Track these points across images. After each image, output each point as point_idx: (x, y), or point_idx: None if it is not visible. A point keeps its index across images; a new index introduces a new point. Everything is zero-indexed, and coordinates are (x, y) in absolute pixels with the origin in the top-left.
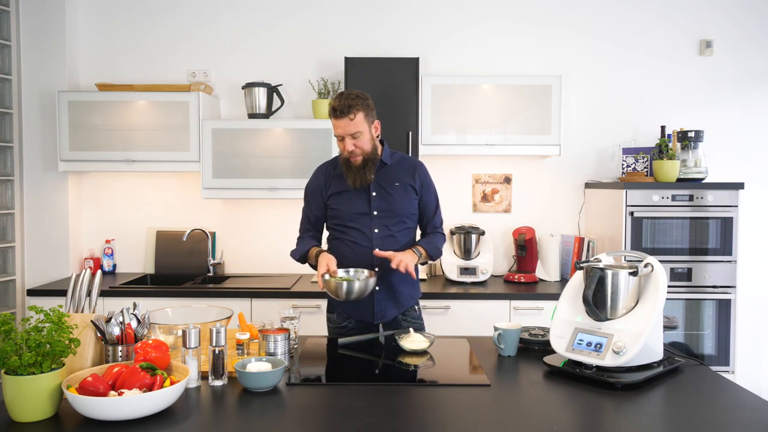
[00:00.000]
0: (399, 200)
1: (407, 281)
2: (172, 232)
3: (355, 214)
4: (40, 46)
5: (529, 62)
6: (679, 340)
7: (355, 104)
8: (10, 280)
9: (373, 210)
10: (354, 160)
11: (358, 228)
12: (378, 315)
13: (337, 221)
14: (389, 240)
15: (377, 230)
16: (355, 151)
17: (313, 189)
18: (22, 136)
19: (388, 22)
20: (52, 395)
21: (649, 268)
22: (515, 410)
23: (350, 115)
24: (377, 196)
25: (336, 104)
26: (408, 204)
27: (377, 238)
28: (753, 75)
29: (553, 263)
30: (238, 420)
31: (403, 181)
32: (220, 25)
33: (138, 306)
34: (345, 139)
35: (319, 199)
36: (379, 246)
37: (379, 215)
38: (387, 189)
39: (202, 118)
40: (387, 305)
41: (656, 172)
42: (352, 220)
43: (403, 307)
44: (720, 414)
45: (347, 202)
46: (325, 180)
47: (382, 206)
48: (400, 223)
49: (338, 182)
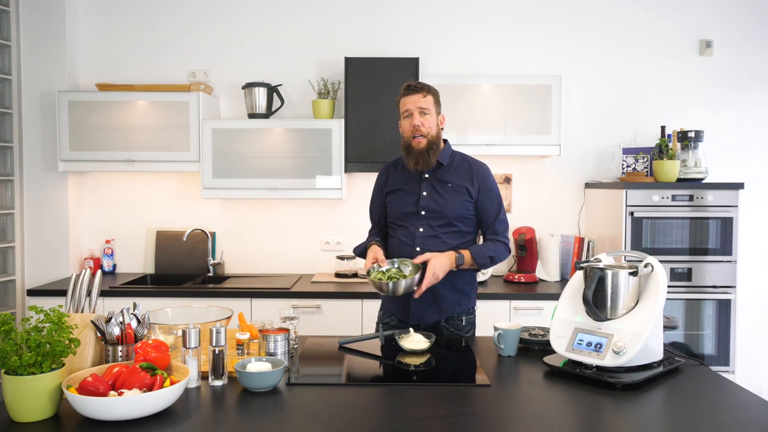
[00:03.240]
0: (449, 202)
1: (452, 286)
2: (172, 232)
3: (403, 212)
4: (40, 46)
5: (529, 62)
6: (679, 340)
7: (429, 87)
8: (10, 280)
9: (420, 209)
10: (416, 143)
11: (405, 226)
12: (414, 316)
13: (390, 218)
14: (433, 241)
15: (422, 230)
16: (422, 128)
17: (377, 186)
18: (22, 136)
19: (388, 22)
20: (52, 395)
21: (649, 268)
22: (515, 410)
23: (423, 92)
24: (427, 196)
25: (410, 83)
26: (459, 206)
27: (420, 237)
28: (753, 75)
29: (553, 263)
30: (238, 420)
31: (458, 182)
32: (220, 25)
33: (138, 306)
34: (413, 114)
35: (380, 196)
36: (422, 245)
37: (427, 215)
38: (438, 189)
39: (202, 118)
40: (425, 308)
41: (656, 172)
42: (401, 218)
43: (446, 313)
44: (720, 414)
45: (399, 200)
46: (386, 177)
47: (431, 206)
48: (447, 225)
49: (396, 180)
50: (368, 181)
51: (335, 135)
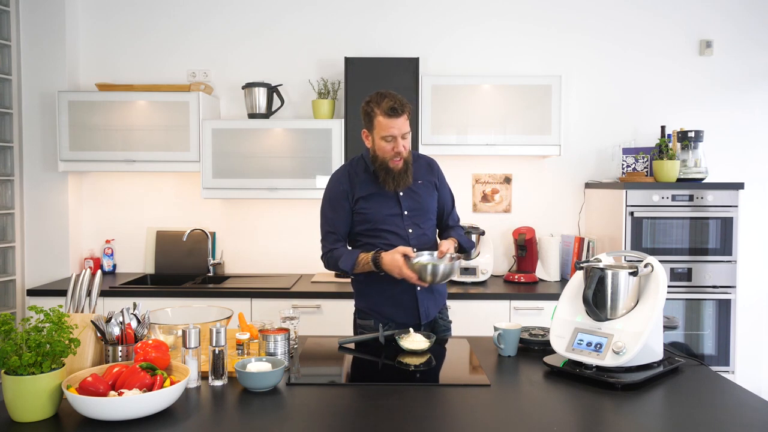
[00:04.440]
0: (425, 198)
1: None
2: (172, 232)
3: (386, 215)
4: (40, 46)
5: (529, 62)
6: (679, 340)
7: (407, 104)
8: (10, 280)
9: (403, 210)
10: (395, 164)
11: (391, 230)
12: (423, 315)
13: (367, 225)
14: (423, 238)
15: (411, 230)
16: (404, 152)
17: (337, 195)
18: (22, 136)
19: (388, 22)
20: (52, 395)
21: (649, 268)
22: (515, 410)
23: (405, 113)
24: (405, 196)
25: (392, 103)
26: (432, 201)
27: (413, 237)
28: (753, 75)
29: (553, 263)
30: (238, 420)
31: (425, 178)
32: (220, 25)
33: (138, 306)
34: (397, 139)
35: (346, 205)
36: (416, 245)
37: (410, 214)
38: (412, 187)
39: (202, 118)
40: (429, 304)
41: (656, 172)
42: (384, 222)
43: (440, 305)
44: (720, 414)
45: (377, 204)
46: (350, 184)
47: (412, 205)
48: (428, 221)
49: (365, 185)
50: None
51: (335, 135)
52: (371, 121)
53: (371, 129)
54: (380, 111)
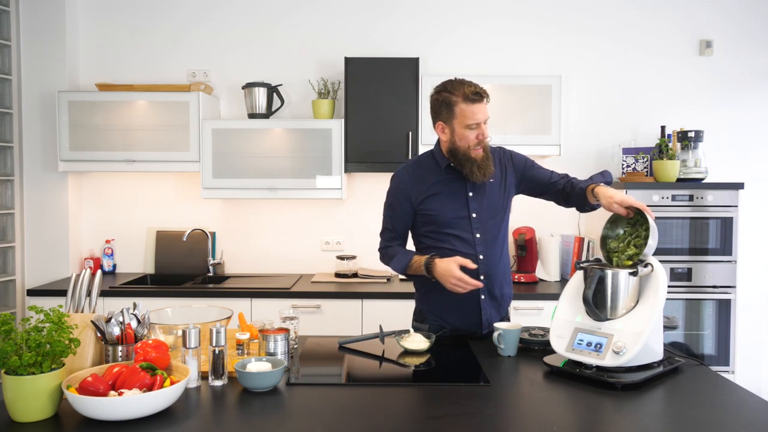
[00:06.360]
0: (495, 198)
1: (508, 281)
2: (172, 232)
3: (452, 218)
4: (40, 46)
5: (529, 62)
6: (679, 340)
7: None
8: (10, 280)
9: (471, 212)
10: (476, 153)
11: (456, 234)
12: (485, 324)
13: (431, 227)
14: (492, 243)
15: (479, 235)
16: (485, 139)
17: (398, 194)
18: (22, 136)
19: (388, 22)
20: (52, 395)
21: (649, 268)
22: (515, 410)
23: (487, 99)
24: (474, 197)
25: (474, 88)
26: (503, 201)
27: (480, 243)
28: (753, 75)
29: (553, 263)
30: (238, 420)
31: (496, 175)
32: (220, 25)
33: (138, 306)
34: (481, 125)
35: (405, 204)
36: (483, 252)
37: (478, 217)
38: (484, 187)
39: (202, 118)
40: (492, 312)
41: (656, 172)
42: (450, 226)
43: (504, 310)
44: (720, 414)
45: (443, 205)
46: (411, 182)
47: (481, 207)
48: (499, 224)
49: (434, 184)
50: (368, 182)
51: (335, 135)
52: (451, 110)
53: (450, 118)
54: (462, 98)
